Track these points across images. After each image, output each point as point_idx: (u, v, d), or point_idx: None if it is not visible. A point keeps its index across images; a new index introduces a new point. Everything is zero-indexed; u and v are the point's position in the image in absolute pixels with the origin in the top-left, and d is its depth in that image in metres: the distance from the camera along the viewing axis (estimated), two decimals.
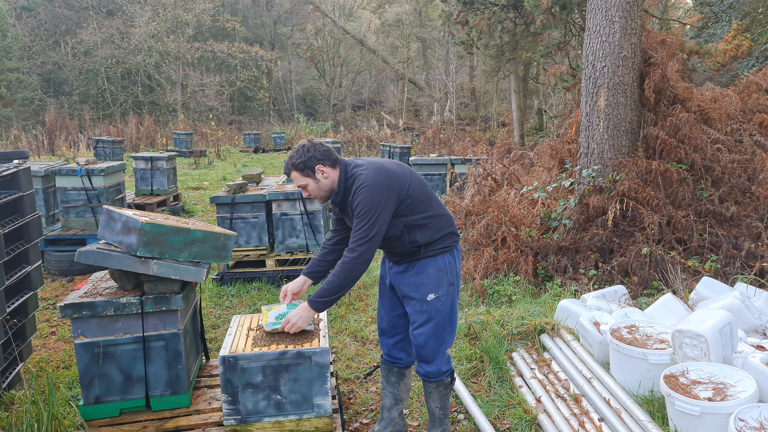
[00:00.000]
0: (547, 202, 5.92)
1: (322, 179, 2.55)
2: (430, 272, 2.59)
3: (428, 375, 2.70)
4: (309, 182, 2.56)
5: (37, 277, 3.67)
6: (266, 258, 5.72)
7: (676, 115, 5.67)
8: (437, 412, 2.77)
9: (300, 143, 2.58)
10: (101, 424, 2.83)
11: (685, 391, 2.67)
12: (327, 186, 2.58)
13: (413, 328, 2.64)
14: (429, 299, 2.58)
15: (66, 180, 6.24)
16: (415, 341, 2.65)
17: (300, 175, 2.55)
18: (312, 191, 2.60)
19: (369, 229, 2.44)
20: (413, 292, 2.61)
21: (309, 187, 2.58)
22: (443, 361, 2.69)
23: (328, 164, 2.55)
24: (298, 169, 2.54)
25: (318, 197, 2.63)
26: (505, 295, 4.85)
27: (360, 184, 2.47)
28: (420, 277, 2.60)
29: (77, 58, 27.09)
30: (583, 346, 3.63)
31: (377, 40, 33.20)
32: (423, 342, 2.62)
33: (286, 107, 33.55)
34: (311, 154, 2.52)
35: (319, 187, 2.57)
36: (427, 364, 2.67)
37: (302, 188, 2.60)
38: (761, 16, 12.85)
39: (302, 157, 2.52)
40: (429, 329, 2.60)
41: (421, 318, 2.61)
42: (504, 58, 15.35)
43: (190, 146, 18.63)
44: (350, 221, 2.62)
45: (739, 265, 4.73)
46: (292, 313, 2.64)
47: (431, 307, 2.59)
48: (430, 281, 2.59)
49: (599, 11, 5.60)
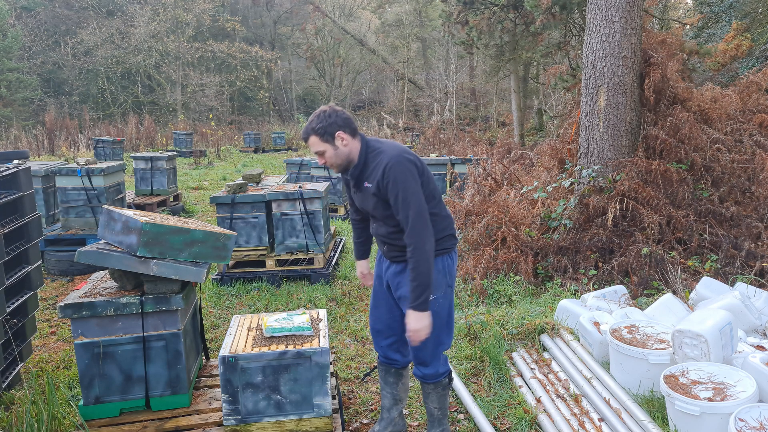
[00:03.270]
0: (547, 202, 5.92)
1: (341, 146, 2.47)
2: None
3: (426, 377, 2.67)
4: (327, 148, 2.47)
5: (37, 277, 3.67)
6: (266, 258, 5.72)
7: (676, 115, 5.67)
8: (436, 413, 2.76)
9: (320, 109, 2.49)
10: (101, 424, 2.83)
11: (685, 391, 2.67)
12: (345, 154, 2.49)
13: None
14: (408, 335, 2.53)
15: (66, 180, 6.24)
16: (413, 342, 2.61)
17: (319, 140, 2.46)
18: (329, 158, 2.49)
19: (415, 213, 2.38)
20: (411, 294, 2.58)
21: (327, 154, 2.48)
22: (440, 363, 2.67)
23: (348, 132, 2.47)
24: (317, 133, 2.45)
25: (334, 165, 2.53)
26: (505, 295, 4.85)
27: (389, 164, 2.40)
28: None
29: (77, 58, 27.10)
30: (583, 346, 3.63)
31: (377, 40, 33.20)
32: (421, 344, 2.58)
33: (286, 107, 33.56)
34: (333, 119, 2.45)
35: (337, 155, 2.48)
36: (425, 367, 2.65)
37: (319, 155, 2.50)
38: (761, 16, 12.85)
39: (323, 122, 2.44)
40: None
41: None
42: (504, 58, 15.35)
43: (190, 146, 18.64)
44: (361, 198, 2.58)
45: (739, 265, 4.73)
46: (413, 326, 2.44)
47: (429, 309, 2.57)
48: None
49: (599, 11, 5.60)
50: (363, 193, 2.56)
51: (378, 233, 2.65)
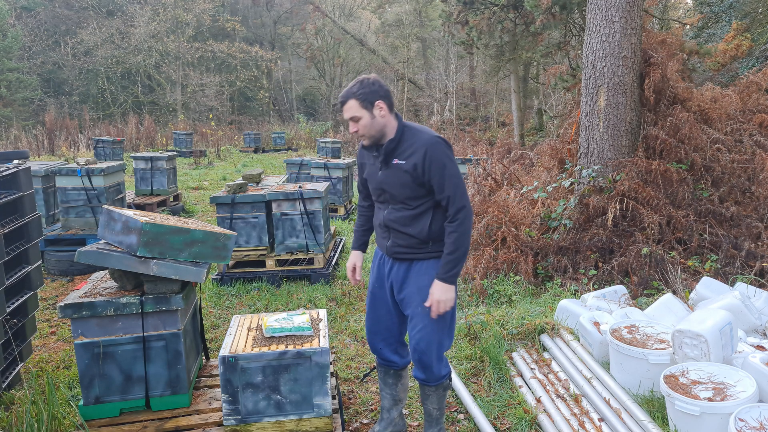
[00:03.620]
0: (547, 202, 5.92)
1: (378, 117, 2.46)
2: (434, 274, 2.53)
3: (428, 380, 2.65)
4: (364, 116, 2.45)
5: (37, 277, 3.67)
6: (266, 258, 5.72)
7: (676, 115, 5.67)
8: (434, 413, 2.75)
9: (363, 76, 2.49)
10: (101, 424, 2.83)
11: (685, 391, 2.67)
12: (380, 126, 2.48)
13: (414, 332, 2.58)
14: (429, 304, 2.53)
15: (66, 180, 6.23)
16: (416, 346, 2.58)
17: (359, 105, 2.44)
18: (363, 126, 2.47)
19: (462, 190, 2.45)
20: (415, 296, 2.56)
21: (362, 122, 2.46)
22: (442, 365, 2.65)
23: (387, 104, 2.47)
24: (358, 98, 2.43)
25: (366, 135, 2.50)
26: (505, 295, 4.85)
27: (431, 144, 2.43)
28: (422, 278, 2.55)
29: (77, 58, 27.10)
30: (583, 346, 3.63)
31: (377, 40, 33.19)
32: (424, 347, 2.56)
33: (286, 107, 33.56)
34: (375, 88, 2.45)
35: (372, 124, 2.46)
36: (427, 370, 2.62)
37: (353, 121, 2.47)
38: (761, 16, 12.85)
39: (366, 89, 2.43)
40: (429, 334, 2.55)
41: (421, 322, 2.55)
42: (504, 58, 15.35)
43: (190, 146, 18.64)
44: (385, 175, 2.52)
45: (739, 265, 4.73)
46: (438, 296, 2.46)
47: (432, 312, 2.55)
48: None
49: (599, 11, 5.60)
50: (390, 170, 2.52)
51: (387, 219, 2.59)
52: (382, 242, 2.67)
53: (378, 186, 2.60)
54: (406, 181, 2.48)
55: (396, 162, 2.50)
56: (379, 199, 2.66)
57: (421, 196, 2.50)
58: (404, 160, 2.47)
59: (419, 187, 2.48)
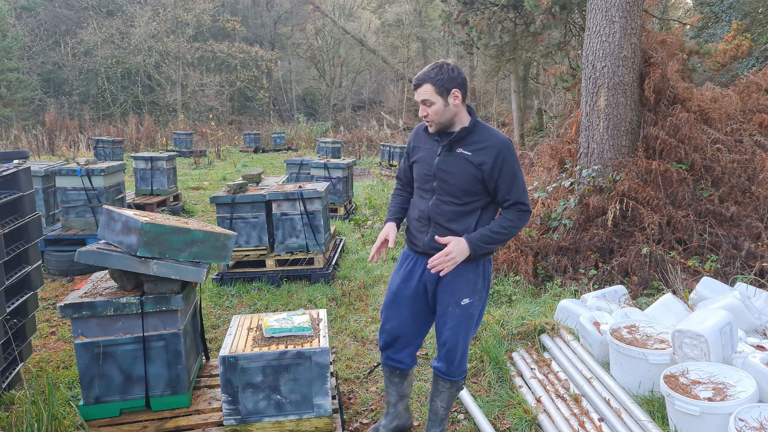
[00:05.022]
0: (547, 202, 5.92)
1: (452, 105, 2.42)
2: (470, 276, 2.53)
3: (451, 374, 2.64)
4: (438, 102, 2.41)
5: (37, 277, 3.67)
6: (266, 258, 5.72)
7: (676, 115, 5.67)
8: (441, 412, 2.75)
9: (442, 61, 2.44)
10: (101, 424, 2.82)
11: (685, 391, 2.67)
12: (451, 114, 2.44)
13: (446, 328, 2.57)
14: (464, 303, 2.53)
15: (66, 180, 6.23)
16: (449, 341, 2.57)
17: (434, 90, 2.39)
18: (435, 112, 2.42)
19: (527, 195, 2.50)
20: (451, 294, 2.54)
21: (434, 107, 2.41)
22: (465, 362, 2.67)
23: (462, 93, 2.43)
24: (435, 84, 2.39)
25: (435, 122, 2.46)
26: (505, 295, 4.85)
27: (505, 145, 2.43)
28: (460, 279, 2.53)
29: (77, 58, 27.11)
30: (583, 346, 3.63)
31: (377, 40, 33.21)
32: (453, 344, 2.57)
33: (286, 107, 33.57)
34: (455, 75, 2.40)
35: (444, 112, 2.42)
36: (451, 364, 2.62)
37: (424, 104, 2.43)
38: (761, 16, 12.85)
39: (444, 75, 2.38)
40: (461, 332, 2.56)
41: (454, 321, 2.55)
42: (504, 58, 15.35)
43: (190, 146, 18.64)
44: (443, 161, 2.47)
45: (739, 265, 4.73)
46: (451, 248, 2.40)
47: (465, 311, 2.55)
48: (469, 286, 2.54)
49: (599, 11, 5.60)
50: (451, 157, 2.47)
51: (431, 211, 2.53)
52: (419, 236, 2.60)
53: (431, 171, 2.52)
54: (469, 170, 2.43)
55: (460, 151, 2.46)
56: (425, 186, 2.57)
57: (474, 192, 2.47)
58: (470, 152, 2.44)
59: (478, 183, 2.44)
